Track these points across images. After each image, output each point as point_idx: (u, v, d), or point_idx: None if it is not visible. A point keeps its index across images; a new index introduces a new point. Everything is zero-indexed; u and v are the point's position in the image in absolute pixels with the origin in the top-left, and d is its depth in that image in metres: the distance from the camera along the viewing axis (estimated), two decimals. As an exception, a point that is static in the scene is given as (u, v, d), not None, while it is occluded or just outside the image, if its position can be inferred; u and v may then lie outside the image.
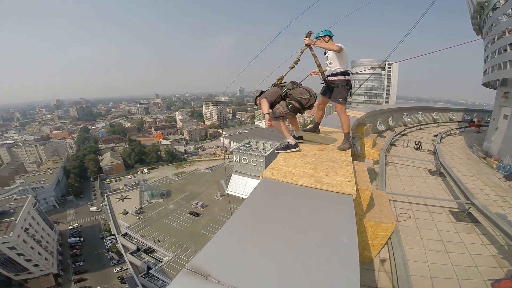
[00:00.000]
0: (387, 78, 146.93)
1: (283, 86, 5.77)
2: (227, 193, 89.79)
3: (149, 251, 66.49)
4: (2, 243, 66.17)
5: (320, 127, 7.51)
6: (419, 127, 25.85)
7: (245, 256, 2.49)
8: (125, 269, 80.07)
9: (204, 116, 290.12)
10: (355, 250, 2.53)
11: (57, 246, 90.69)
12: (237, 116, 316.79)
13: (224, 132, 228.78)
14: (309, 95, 5.55)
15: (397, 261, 5.47)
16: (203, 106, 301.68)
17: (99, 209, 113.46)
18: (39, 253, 75.98)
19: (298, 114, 5.91)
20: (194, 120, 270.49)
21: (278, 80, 6.15)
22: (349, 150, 6.05)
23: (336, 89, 6.14)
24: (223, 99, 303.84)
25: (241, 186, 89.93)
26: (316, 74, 6.64)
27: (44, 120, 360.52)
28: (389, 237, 5.76)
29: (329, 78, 6.22)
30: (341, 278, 2.21)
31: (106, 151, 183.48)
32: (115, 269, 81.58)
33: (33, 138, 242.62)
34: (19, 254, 70.42)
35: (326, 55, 6.19)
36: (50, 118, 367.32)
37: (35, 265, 74.83)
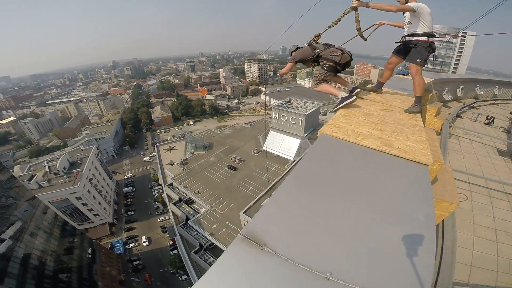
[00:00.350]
0: (459, 47, 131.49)
1: (315, 48, 5.86)
2: (264, 149, 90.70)
3: (189, 202, 72.51)
4: (71, 193, 75.05)
5: (383, 88, 7.22)
6: (493, 102, 22.29)
7: (304, 225, 2.29)
8: (167, 219, 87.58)
9: (246, 74, 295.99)
10: (432, 232, 2.20)
11: (114, 196, 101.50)
12: (278, 74, 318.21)
13: (264, 89, 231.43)
14: (341, 52, 5.64)
15: (446, 245, 5.24)
16: (245, 64, 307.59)
17: (151, 159, 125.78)
18: (99, 203, 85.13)
19: (338, 73, 6.04)
20: (237, 77, 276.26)
21: (315, 37, 6.13)
22: (419, 114, 5.66)
23: (415, 49, 5.72)
24: (265, 57, 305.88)
25: (278, 143, 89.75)
26: (380, 25, 6.56)
27: (103, 79, 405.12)
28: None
29: (407, 38, 5.82)
30: (417, 262, 1.90)
31: (156, 104, 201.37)
32: (159, 219, 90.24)
33: (94, 95, 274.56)
34: (84, 204, 79.16)
35: (404, 14, 5.77)
36: (108, 77, 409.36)
37: (95, 215, 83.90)
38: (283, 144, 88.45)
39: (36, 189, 72.39)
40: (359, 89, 6.00)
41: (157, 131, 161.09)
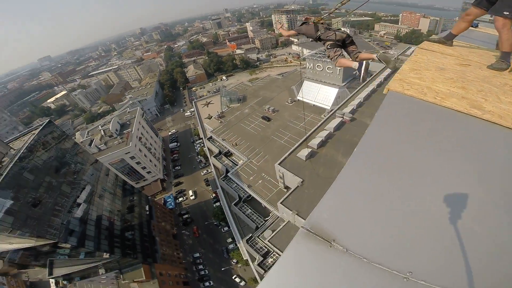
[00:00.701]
0: None
1: (318, 30, 7.22)
2: (298, 99, 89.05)
3: (228, 154, 76.03)
4: (126, 153, 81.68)
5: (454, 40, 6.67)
6: None
7: (380, 216, 1.87)
8: (209, 172, 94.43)
9: (274, 25, 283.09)
10: None
11: (162, 152, 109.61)
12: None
13: (296, 40, 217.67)
14: (333, 32, 6.94)
15: None
16: (272, 16, 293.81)
17: (192, 114, 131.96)
18: (150, 160, 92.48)
19: (343, 47, 7.44)
20: (264, 29, 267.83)
21: (319, 19, 7.44)
22: (506, 71, 4.96)
23: (502, 1, 5.02)
24: (293, 7, 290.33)
25: (313, 93, 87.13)
26: None
27: (135, 46, 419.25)
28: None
29: None
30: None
31: (189, 63, 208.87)
32: (202, 172, 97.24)
33: (130, 62, 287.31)
34: (137, 163, 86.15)
35: None
36: (139, 44, 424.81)
37: (148, 172, 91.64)
38: (319, 94, 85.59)
39: (96, 152, 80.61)
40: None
41: (193, 88, 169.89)
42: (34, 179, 42.82)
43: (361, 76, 6.57)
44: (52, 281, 75.06)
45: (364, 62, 6.28)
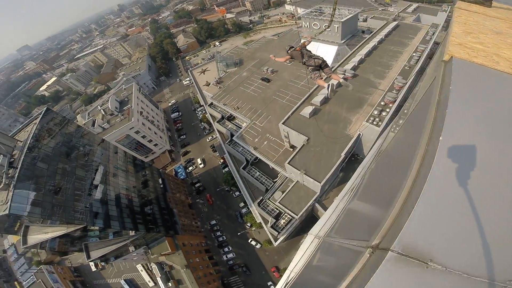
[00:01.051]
0: None
1: (303, 57, 11.56)
2: None
3: (231, 118, 74.79)
4: (130, 128, 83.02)
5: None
6: None
7: (476, 223, 1.61)
8: (214, 138, 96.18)
9: None
10: None
11: (165, 123, 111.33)
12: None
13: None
14: (313, 59, 11.32)
15: None
16: None
17: (191, 82, 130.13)
18: (155, 133, 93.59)
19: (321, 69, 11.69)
20: None
21: (302, 44, 12.47)
22: None
23: None
24: None
25: (312, 51, 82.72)
26: None
27: (116, 23, 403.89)
28: None
29: None
30: None
31: (178, 33, 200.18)
32: (208, 139, 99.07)
33: (115, 39, 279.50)
34: (143, 137, 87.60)
35: None
36: (121, 20, 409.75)
37: (155, 145, 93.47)
38: (317, 52, 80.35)
39: (101, 132, 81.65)
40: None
41: (187, 57, 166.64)
42: (48, 167, 43.79)
43: (328, 93, 10.09)
44: (91, 264, 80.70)
45: (330, 84, 7.73)
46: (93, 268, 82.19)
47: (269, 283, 61.96)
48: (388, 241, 1.93)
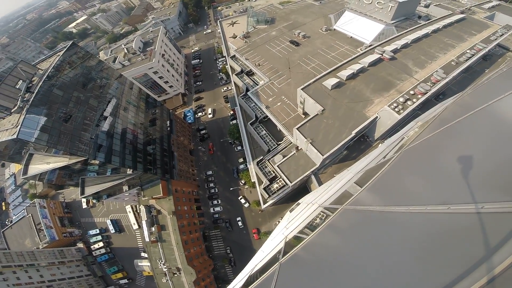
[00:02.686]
0: None
1: None
2: (334, 29, 79.71)
3: (250, 73, 72.04)
4: (149, 68, 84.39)
5: None
6: None
7: None
8: (229, 89, 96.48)
9: None
10: None
11: (184, 68, 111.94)
12: None
13: None
14: None
15: None
16: None
17: (211, 31, 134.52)
18: (172, 75, 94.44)
19: None
20: None
21: None
22: None
23: None
24: None
25: (354, 24, 77.04)
26: None
27: None
28: None
29: None
30: None
31: None
32: (223, 89, 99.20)
33: None
34: (160, 78, 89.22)
35: None
36: None
37: (170, 86, 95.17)
38: (360, 27, 75.94)
39: (120, 68, 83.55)
40: None
41: (219, 7, 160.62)
42: (64, 95, 44.52)
43: None
44: (83, 200, 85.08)
45: None
46: (84, 205, 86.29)
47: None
48: None
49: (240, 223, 68.65)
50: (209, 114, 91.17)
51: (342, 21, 79.86)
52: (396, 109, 45.24)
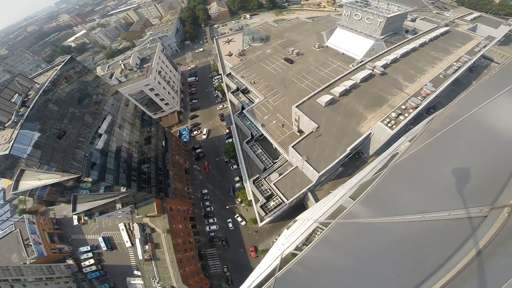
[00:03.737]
0: None
1: None
2: (327, 46, 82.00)
3: (245, 91, 72.89)
4: (145, 85, 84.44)
5: None
6: None
7: None
8: (225, 107, 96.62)
9: None
10: None
11: (180, 85, 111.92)
12: None
13: None
14: None
15: None
16: None
17: (203, 50, 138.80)
18: (168, 93, 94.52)
19: None
20: None
21: None
22: None
23: None
24: None
25: (345, 41, 79.50)
26: None
27: None
28: None
29: None
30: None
31: (212, 0, 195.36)
32: (218, 107, 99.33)
33: (150, 0, 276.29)
34: (156, 95, 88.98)
35: None
36: None
37: (166, 104, 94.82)
38: (351, 43, 78.34)
39: (117, 84, 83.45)
40: None
41: (215, 25, 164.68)
42: (59, 110, 43.92)
43: None
44: (74, 217, 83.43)
45: None
46: (75, 222, 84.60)
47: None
48: None
49: (230, 225, 69.15)
50: (204, 134, 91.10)
51: (334, 37, 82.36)
52: (389, 125, 46.00)
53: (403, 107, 49.11)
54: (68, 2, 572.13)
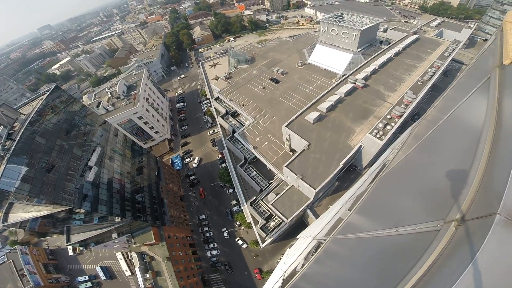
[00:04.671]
0: None
1: None
2: (309, 63, 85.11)
3: (235, 114, 73.83)
4: (133, 113, 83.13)
5: None
6: None
7: None
8: (216, 132, 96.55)
9: None
10: None
11: (169, 112, 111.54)
12: None
13: (309, 2, 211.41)
14: None
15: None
16: None
17: (185, 76, 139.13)
18: (157, 120, 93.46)
19: None
20: None
21: None
22: None
23: None
24: None
25: (325, 57, 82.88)
26: None
27: (138, 10, 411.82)
28: None
29: None
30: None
31: (195, 25, 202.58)
32: (209, 132, 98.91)
33: (134, 25, 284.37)
34: (145, 123, 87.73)
35: None
36: (142, 7, 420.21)
37: (156, 132, 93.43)
38: (331, 58, 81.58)
39: (104, 114, 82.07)
40: None
41: (200, 49, 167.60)
42: (46, 143, 42.82)
43: None
44: (69, 247, 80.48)
45: None
46: (70, 252, 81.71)
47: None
48: (482, 210, 2.26)
49: (225, 234, 69.62)
50: (195, 164, 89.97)
51: (315, 54, 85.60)
52: (378, 135, 47.32)
53: (389, 116, 50.86)
54: (51, 28, 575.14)
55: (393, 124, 49.01)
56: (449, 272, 2.45)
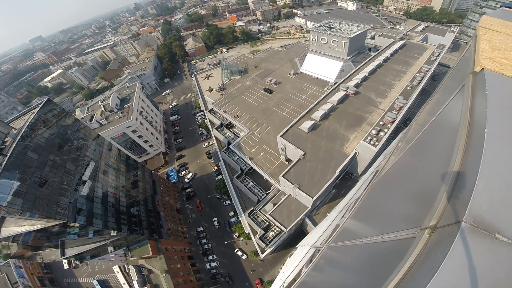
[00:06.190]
0: None
1: None
2: (301, 72, 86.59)
3: (229, 126, 74.10)
4: (127, 127, 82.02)
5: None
6: None
7: None
8: (211, 144, 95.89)
9: None
10: None
11: (163, 125, 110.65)
12: None
13: (299, 12, 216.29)
14: None
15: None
16: None
17: (171, 91, 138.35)
18: (152, 134, 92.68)
19: None
20: (266, 1, 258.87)
21: None
22: None
23: None
24: None
25: (317, 65, 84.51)
26: None
27: (130, 21, 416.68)
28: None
29: None
30: None
31: (188, 36, 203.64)
32: (204, 145, 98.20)
33: (126, 37, 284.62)
34: (139, 137, 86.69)
35: None
36: (135, 19, 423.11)
37: (150, 146, 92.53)
38: (322, 67, 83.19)
39: (97, 127, 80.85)
40: None
41: (193, 61, 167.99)
42: (39, 158, 42.15)
43: None
44: (64, 261, 78.37)
45: None
46: (66, 266, 79.79)
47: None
48: (451, 218, 2.32)
49: (216, 223, 70.87)
50: (187, 178, 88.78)
51: (306, 63, 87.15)
52: (371, 142, 47.95)
53: (381, 123, 51.75)
54: (42, 39, 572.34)
55: (386, 130, 49.85)
56: (420, 278, 2.59)
